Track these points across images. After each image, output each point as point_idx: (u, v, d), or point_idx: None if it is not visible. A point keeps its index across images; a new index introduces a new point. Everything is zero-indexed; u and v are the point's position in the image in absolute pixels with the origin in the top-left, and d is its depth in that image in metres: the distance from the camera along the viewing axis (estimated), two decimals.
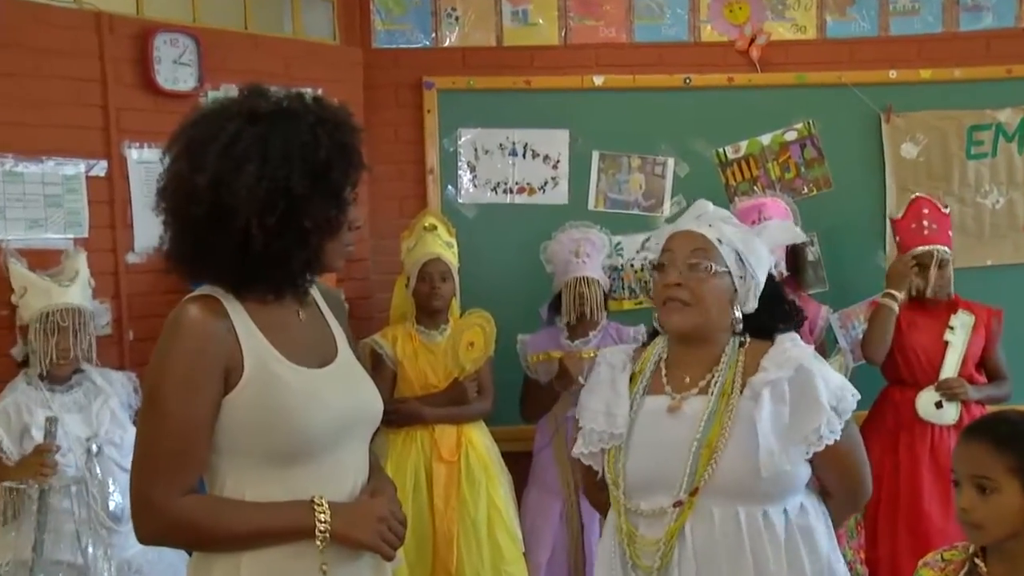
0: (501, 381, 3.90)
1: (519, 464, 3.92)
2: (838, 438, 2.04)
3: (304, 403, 1.83)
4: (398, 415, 3.63)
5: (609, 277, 4.05)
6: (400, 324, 3.90)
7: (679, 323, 2.15)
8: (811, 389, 2.05)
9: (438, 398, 3.72)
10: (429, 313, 3.81)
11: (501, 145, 4.53)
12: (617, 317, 4.11)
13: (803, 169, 4.56)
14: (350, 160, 1.87)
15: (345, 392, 1.92)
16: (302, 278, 1.91)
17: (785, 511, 2.09)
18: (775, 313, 2.21)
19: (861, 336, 4.13)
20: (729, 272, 2.15)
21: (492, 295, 4.19)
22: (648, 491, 2.12)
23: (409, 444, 3.68)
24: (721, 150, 4.56)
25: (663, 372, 2.21)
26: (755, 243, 2.19)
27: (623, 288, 4.53)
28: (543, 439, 3.84)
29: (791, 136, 4.56)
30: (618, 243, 4.47)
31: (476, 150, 4.52)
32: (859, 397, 2.11)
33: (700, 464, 2.06)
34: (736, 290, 2.16)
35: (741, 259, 2.15)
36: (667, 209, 4.54)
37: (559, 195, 4.55)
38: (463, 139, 4.52)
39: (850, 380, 3.78)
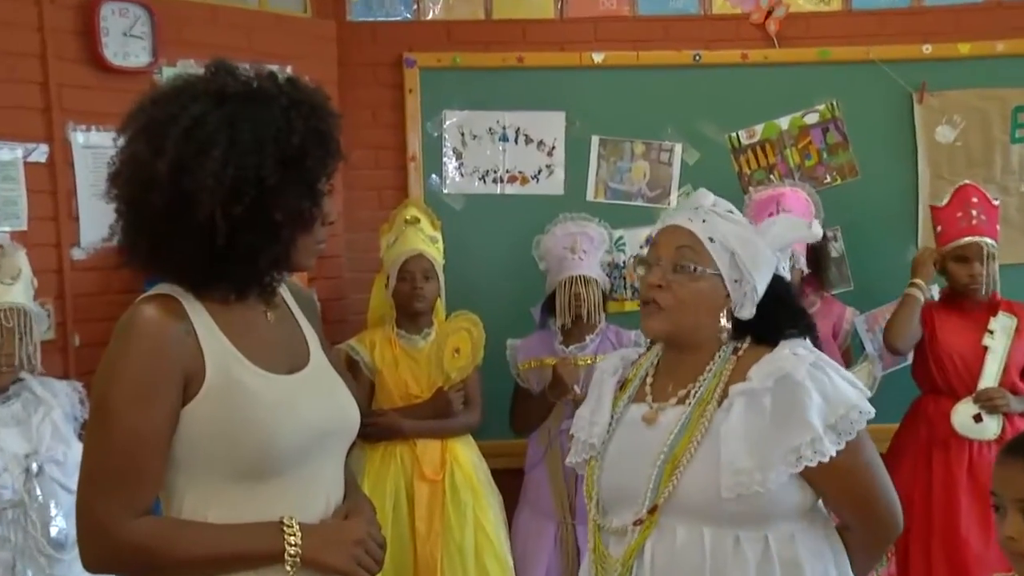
0: (490, 391, 3.92)
1: (510, 482, 3.93)
2: (824, 460, 2.00)
3: (272, 413, 1.84)
4: (376, 428, 3.65)
5: (609, 275, 4.07)
6: (378, 328, 3.91)
7: (654, 328, 2.17)
8: (797, 403, 2.03)
9: (420, 410, 3.74)
10: (411, 316, 3.82)
11: (490, 129, 4.54)
12: (618, 319, 4.12)
13: (826, 156, 4.58)
14: (326, 148, 1.89)
15: (318, 401, 1.94)
16: (270, 276, 1.93)
17: (766, 538, 2.06)
18: (778, 316, 2.19)
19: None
20: (720, 275, 2.14)
21: (480, 295, 4.21)
22: (618, 507, 2.16)
23: (388, 461, 3.70)
24: (734, 135, 4.58)
25: (648, 379, 2.24)
26: (756, 244, 2.17)
27: (625, 287, 4.54)
28: (536, 455, 3.86)
29: (812, 119, 4.58)
30: (619, 238, 4.48)
31: (463, 135, 4.53)
32: (872, 414, 2.07)
33: (663, 480, 2.07)
34: (729, 295, 2.15)
35: (735, 261, 2.14)
36: (674, 200, 4.55)
37: (554, 185, 4.56)
38: (448, 122, 4.53)
39: (879, 389, 3.87)
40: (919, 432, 3.96)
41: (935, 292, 4.17)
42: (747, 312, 2.16)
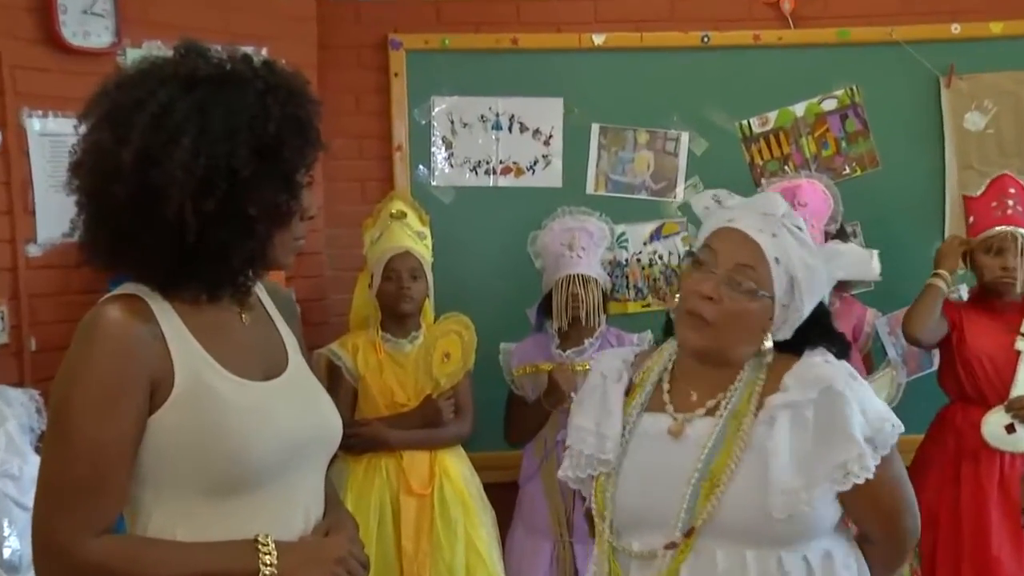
0: (482, 399, 3.93)
1: (503, 497, 3.94)
2: (870, 476, 2.04)
3: (247, 422, 1.84)
4: (359, 439, 3.65)
5: (610, 274, 4.07)
6: (362, 331, 3.92)
7: (695, 343, 2.15)
8: (840, 416, 2.05)
9: (407, 419, 3.74)
10: (397, 318, 3.83)
11: (482, 117, 4.55)
12: (620, 322, 4.13)
13: (844, 145, 4.59)
14: (305, 137, 1.89)
15: (297, 409, 1.94)
16: (244, 275, 1.92)
17: (805, 559, 2.09)
18: (811, 337, 2.19)
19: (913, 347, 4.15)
20: (773, 298, 2.12)
21: (472, 296, 4.22)
22: (640, 528, 2.14)
23: (372, 474, 3.71)
24: (745, 122, 4.59)
25: (665, 386, 2.22)
26: (817, 272, 2.16)
27: (627, 287, 4.55)
28: (531, 467, 3.87)
29: (830, 105, 4.59)
30: (621, 234, 4.50)
31: (452, 122, 4.54)
32: (902, 429, 2.11)
33: (700, 499, 2.06)
34: (772, 317, 2.14)
35: (793, 287, 2.13)
36: (680, 193, 4.57)
37: (551, 176, 4.57)
38: (437, 109, 4.53)
39: (902, 397, 3.87)
40: (946, 443, 3.97)
41: (964, 292, 4.17)
42: (783, 335, 2.16)
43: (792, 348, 2.17)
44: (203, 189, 1.77)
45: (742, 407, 2.12)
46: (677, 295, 2.19)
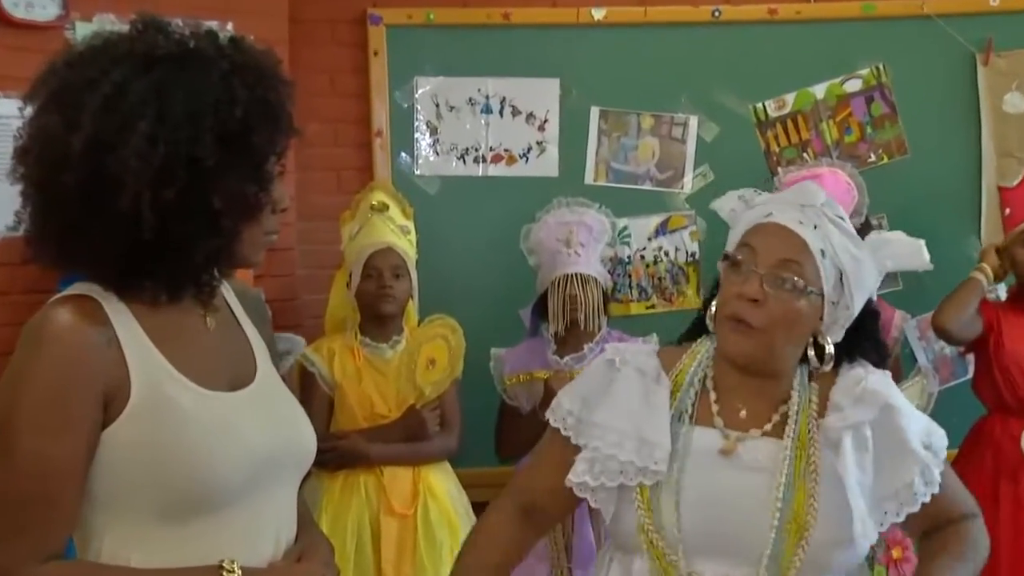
0: (471, 409, 3.93)
1: None
2: (935, 490, 2.08)
3: (210, 437, 1.83)
4: (336, 454, 3.64)
5: (611, 272, 4.07)
6: (338, 335, 3.92)
7: (743, 351, 2.12)
8: (898, 431, 2.08)
9: (388, 432, 3.74)
10: (377, 320, 3.83)
11: (471, 99, 4.55)
12: (622, 324, 4.14)
13: (870, 130, 4.60)
14: (275, 122, 1.88)
15: (266, 422, 1.93)
16: (208, 274, 1.92)
17: None
18: (861, 346, 2.21)
19: (946, 351, 4.14)
20: (822, 295, 2.11)
21: (459, 296, 4.23)
22: (705, 554, 2.11)
23: (350, 492, 3.70)
24: (760, 105, 4.59)
25: (712, 396, 2.19)
26: (865, 263, 2.15)
27: (630, 287, 4.55)
28: None
29: (854, 86, 4.60)
30: (623, 228, 4.50)
31: (438, 106, 4.54)
32: (946, 441, 2.15)
33: (788, 544, 2.05)
34: (823, 317, 2.13)
35: (841, 282, 2.12)
36: (688, 183, 4.57)
37: (547, 165, 4.58)
38: (421, 91, 4.54)
39: (934, 408, 3.87)
40: (983, 459, 3.97)
41: (1002, 292, 4.17)
42: (835, 337, 2.15)
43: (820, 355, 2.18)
44: (162, 179, 1.75)
45: (803, 432, 2.11)
46: (714, 304, 2.18)
